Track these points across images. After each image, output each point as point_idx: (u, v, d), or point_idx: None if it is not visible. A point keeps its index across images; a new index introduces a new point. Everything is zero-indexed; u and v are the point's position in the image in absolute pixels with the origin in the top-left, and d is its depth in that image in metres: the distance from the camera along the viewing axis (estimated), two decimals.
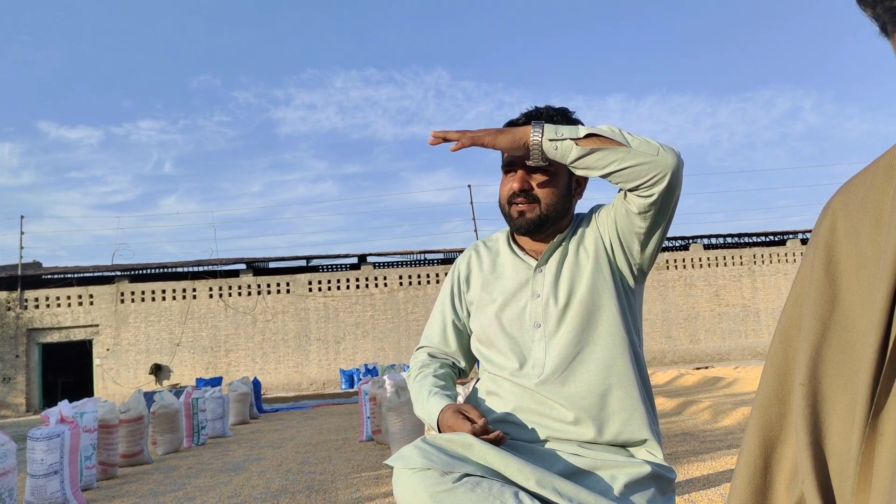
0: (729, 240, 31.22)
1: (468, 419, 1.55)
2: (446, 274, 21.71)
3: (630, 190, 1.58)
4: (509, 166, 1.76)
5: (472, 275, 1.88)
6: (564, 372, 1.64)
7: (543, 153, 1.59)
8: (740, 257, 29.39)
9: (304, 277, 26.72)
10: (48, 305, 25.25)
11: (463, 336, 1.89)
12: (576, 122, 1.76)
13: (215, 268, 27.26)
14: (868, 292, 0.70)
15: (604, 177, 1.58)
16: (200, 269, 27.29)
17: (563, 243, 1.77)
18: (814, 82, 70.48)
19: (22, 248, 26.81)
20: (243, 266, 27.16)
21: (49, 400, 25.57)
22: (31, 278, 26.36)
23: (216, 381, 20.69)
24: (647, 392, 1.70)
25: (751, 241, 31.40)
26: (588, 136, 1.56)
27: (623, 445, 1.64)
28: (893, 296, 0.66)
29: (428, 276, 27.42)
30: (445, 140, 1.64)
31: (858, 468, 0.65)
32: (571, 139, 1.56)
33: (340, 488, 5.30)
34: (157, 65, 62.15)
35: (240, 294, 26.19)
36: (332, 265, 29.76)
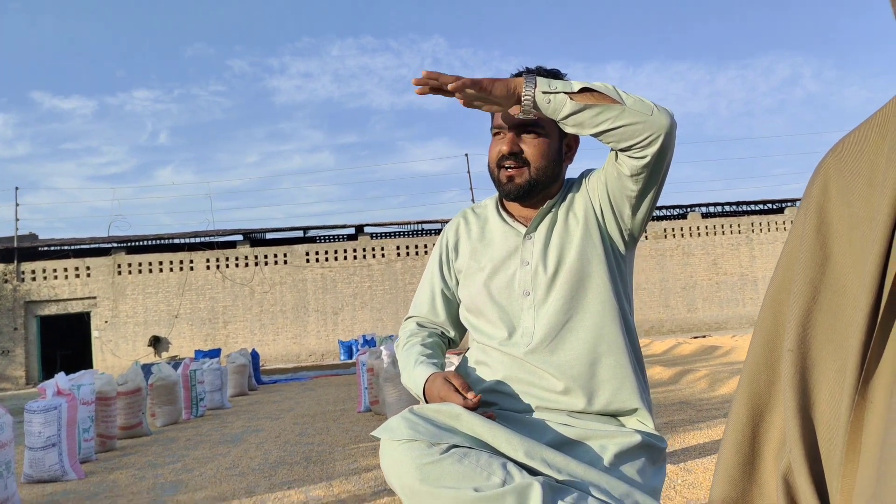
0: (727, 208, 31.18)
1: (458, 391, 1.53)
2: None
3: (622, 150, 1.53)
4: (499, 129, 1.70)
5: (461, 242, 1.83)
6: (553, 340, 1.61)
7: (536, 105, 1.53)
8: (738, 226, 29.38)
9: (301, 248, 26.69)
10: (45, 278, 25.24)
11: (452, 305, 1.86)
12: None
13: (212, 239, 27.21)
14: (860, 254, 0.68)
15: (595, 135, 1.53)
16: (197, 240, 27.24)
17: (553, 209, 1.73)
18: (814, 49, 70.07)
19: (17, 220, 26.75)
20: (240, 237, 27.12)
21: (48, 372, 25.65)
22: (27, 250, 26.32)
23: (214, 353, 20.74)
24: (637, 360, 1.67)
25: (749, 209, 31.37)
26: (582, 90, 1.50)
27: (613, 415, 1.61)
28: (885, 258, 0.64)
29: (426, 246, 27.41)
30: (437, 83, 1.52)
31: (847, 436, 0.63)
32: (565, 93, 1.50)
33: (338, 459, 5.33)
34: (150, 34, 61.59)
35: (237, 265, 26.17)
36: (329, 236, 29.71)
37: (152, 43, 61.13)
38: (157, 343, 24.92)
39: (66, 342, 28.12)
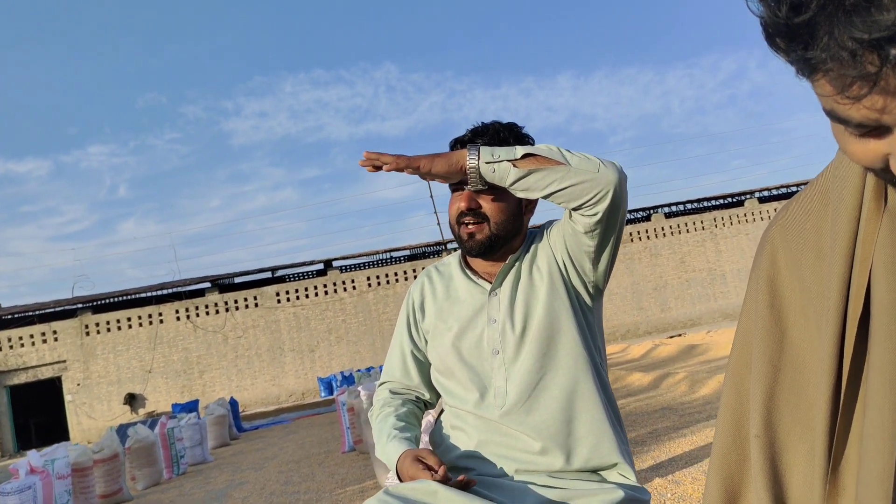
0: (689, 206, 31.61)
1: (428, 467, 1.50)
2: (414, 271, 21.72)
3: (574, 209, 1.53)
4: (457, 185, 1.69)
5: (426, 302, 1.81)
6: (528, 401, 1.58)
7: (481, 177, 1.54)
8: (702, 222, 29.78)
9: (271, 289, 26.44)
10: (11, 346, 24.64)
11: (424, 366, 1.83)
12: (524, 136, 1.71)
13: (180, 289, 26.85)
14: (815, 332, 0.66)
15: (545, 197, 1.53)
16: (165, 292, 26.86)
17: (517, 264, 1.71)
18: (757, 40, 71.89)
19: None
20: (208, 284, 26.78)
21: (24, 442, 25.00)
22: None
23: (193, 405, 20.38)
24: (614, 413, 1.65)
25: (710, 204, 31.83)
26: (526, 156, 1.50)
27: (594, 470, 1.59)
28: (840, 339, 0.62)
29: (396, 274, 27.32)
30: (378, 162, 1.57)
31: None
32: (508, 161, 1.50)
33: None
34: (99, 88, 61.15)
35: (207, 313, 25.82)
36: (298, 273, 29.49)
37: (102, 97, 60.82)
38: (132, 400, 24.42)
39: (38, 410, 27.41)
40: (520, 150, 1.51)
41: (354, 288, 26.87)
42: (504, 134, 1.67)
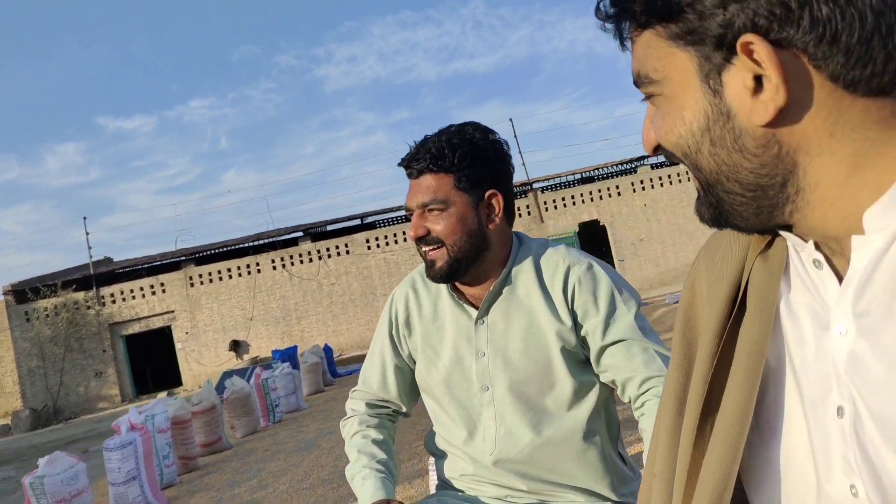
0: None
1: None
2: None
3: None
4: (406, 211, 1.55)
5: (412, 319, 1.66)
6: (519, 452, 1.49)
7: None
8: None
9: (361, 237, 26.97)
10: (124, 299, 26.23)
11: (405, 376, 1.71)
12: (480, 148, 1.50)
13: (274, 239, 27.75)
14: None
15: None
16: (260, 242, 27.84)
17: (504, 290, 1.54)
18: None
19: (90, 248, 27.82)
20: (301, 234, 27.57)
21: (141, 387, 26.80)
22: (104, 275, 27.36)
23: (292, 350, 21.23)
24: (619, 456, 1.55)
25: None
26: None
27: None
28: (710, 381, 0.63)
29: None
30: None
31: None
32: None
33: (404, 460, 5.39)
34: (197, 43, 62.96)
35: (301, 262, 26.65)
36: (388, 219, 29.93)
37: (200, 52, 62.79)
38: (237, 347, 25.69)
39: (153, 357, 29.25)
40: None
41: None
42: (448, 153, 1.46)
